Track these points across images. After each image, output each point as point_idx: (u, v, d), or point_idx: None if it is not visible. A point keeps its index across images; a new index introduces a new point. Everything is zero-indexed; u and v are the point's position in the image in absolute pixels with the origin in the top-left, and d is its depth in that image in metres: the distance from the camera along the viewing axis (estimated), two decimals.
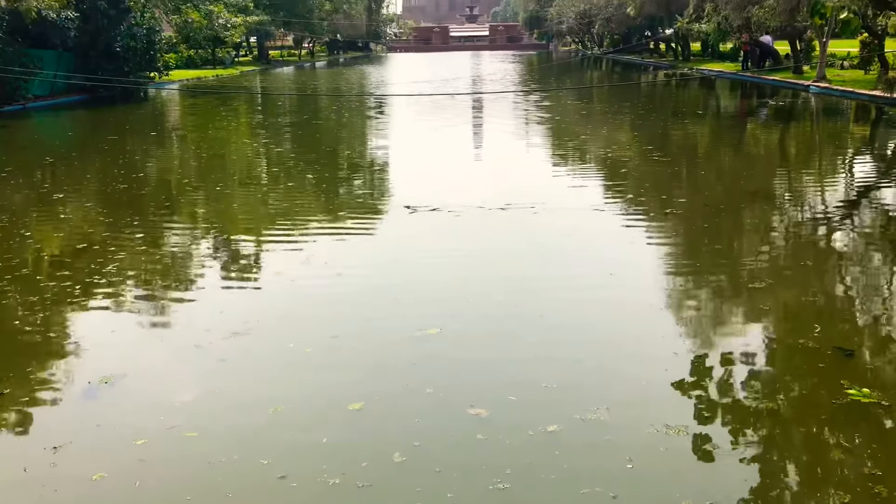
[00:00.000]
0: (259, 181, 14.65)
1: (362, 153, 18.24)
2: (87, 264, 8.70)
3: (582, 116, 25.28)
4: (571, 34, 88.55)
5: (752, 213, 11.03)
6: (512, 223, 10.34)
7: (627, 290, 7.63)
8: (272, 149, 18.82)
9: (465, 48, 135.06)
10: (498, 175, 14.37)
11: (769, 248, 9.28)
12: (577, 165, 15.72)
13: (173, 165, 16.97)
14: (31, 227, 10.77)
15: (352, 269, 8.42)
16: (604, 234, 9.88)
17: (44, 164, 16.64)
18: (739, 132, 20.81)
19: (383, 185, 14.04)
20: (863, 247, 9.21)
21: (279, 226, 10.63)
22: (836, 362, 5.81)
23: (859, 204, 11.54)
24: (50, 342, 6.65)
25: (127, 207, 11.86)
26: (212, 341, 6.44)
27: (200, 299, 7.66)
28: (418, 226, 10.42)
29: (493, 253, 9.03)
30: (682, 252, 9.23)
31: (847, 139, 18.90)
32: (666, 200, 11.59)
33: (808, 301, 7.26)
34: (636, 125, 21.98)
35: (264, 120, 26.47)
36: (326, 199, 12.66)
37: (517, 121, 24.26)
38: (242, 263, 8.89)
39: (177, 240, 10.11)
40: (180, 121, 27.36)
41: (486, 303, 7.29)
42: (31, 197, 13.06)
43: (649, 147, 17.32)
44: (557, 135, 20.46)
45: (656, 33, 58.38)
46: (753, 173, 14.36)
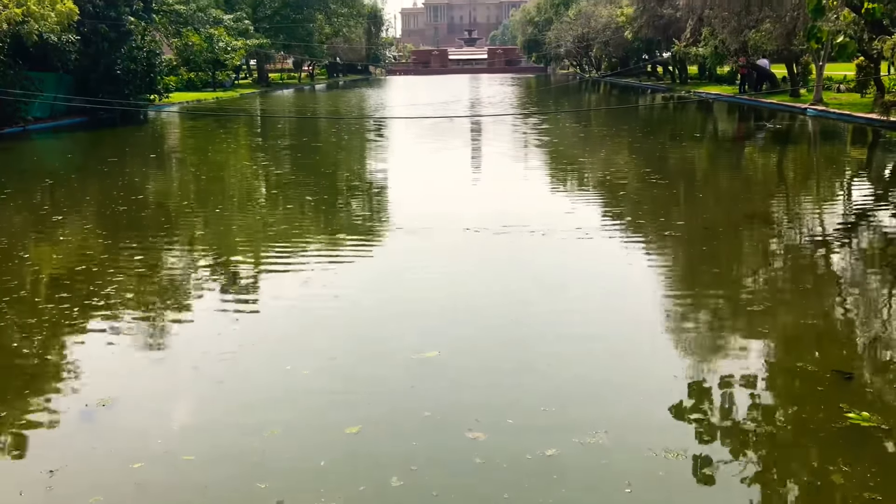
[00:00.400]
0: (258, 203, 14.68)
1: (361, 175, 18.30)
2: (86, 286, 8.69)
3: (580, 139, 25.38)
4: (569, 57, 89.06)
5: (750, 235, 11.05)
6: (510, 245, 10.35)
7: (626, 312, 7.63)
8: (271, 171, 18.87)
9: (463, 71, 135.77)
10: (496, 197, 14.39)
11: (768, 271, 9.29)
12: (576, 187, 15.77)
13: (172, 188, 17.01)
14: (29, 249, 10.77)
15: (350, 291, 8.42)
16: (602, 256, 9.88)
17: (43, 186, 16.67)
18: (737, 155, 20.88)
19: (382, 207, 14.06)
20: (861, 270, 9.22)
21: (278, 248, 10.63)
22: (836, 385, 5.80)
23: (857, 227, 11.56)
24: (47, 364, 6.63)
25: (126, 229, 11.87)
26: (209, 364, 6.43)
27: (198, 321, 7.65)
28: (416, 248, 10.43)
29: (492, 275, 9.03)
30: (680, 274, 9.23)
31: (845, 162, 18.96)
32: (664, 223, 11.61)
33: (806, 324, 7.25)
34: (634, 148, 22.06)
35: (263, 142, 26.57)
36: (325, 221, 12.67)
37: (516, 143, 24.34)
38: (240, 285, 8.88)
39: (175, 262, 10.11)
40: (180, 143, 27.45)
41: (484, 325, 7.28)
42: (31, 219, 13.07)
43: (647, 169, 17.37)
44: (556, 157, 20.53)
45: (654, 57, 58.74)
46: (752, 196, 14.39)
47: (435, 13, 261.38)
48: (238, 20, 56.55)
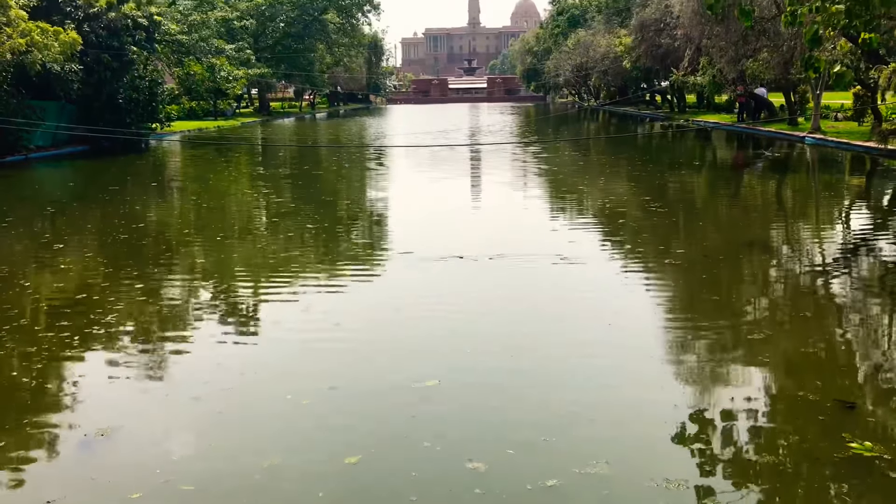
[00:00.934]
0: (259, 231, 14.71)
1: (361, 204, 18.35)
2: (86, 314, 8.69)
3: (580, 167, 25.49)
4: (568, 86, 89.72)
5: (750, 263, 11.07)
6: (511, 273, 10.36)
7: (626, 341, 7.62)
8: (272, 199, 18.93)
9: (463, 100, 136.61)
10: (496, 225, 14.43)
11: (768, 299, 9.29)
12: (576, 216, 15.80)
13: (173, 216, 17.05)
14: (30, 277, 10.77)
15: (350, 319, 8.42)
16: (602, 284, 9.88)
17: (44, 215, 16.72)
18: (736, 183, 20.96)
19: (382, 235, 14.09)
20: (861, 298, 9.22)
21: (278, 276, 10.64)
22: (838, 415, 5.78)
23: (857, 255, 11.58)
24: (46, 393, 6.61)
25: (127, 258, 11.88)
26: (209, 393, 6.41)
27: (199, 350, 7.63)
28: (417, 276, 10.43)
29: (492, 303, 9.03)
30: (681, 302, 9.23)
31: (844, 190, 19.04)
32: (664, 251, 11.63)
33: (807, 352, 7.24)
34: (633, 176, 22.15)
35: (264, 171, 26.68)
36: (325, 249, 12.69)
37: (515, 172, 24.43)
38: (241, 314, 8.88)
39: (176, 290, 10.11)
40: (181, 171, 27.57)
41: (484, 353, 7.27)
42: (32, 247, 13.09)
43: (647, 197, 17.43)
44: (555, 185, 20.60)
45: (652, 85, 59.13)
46: (751, 224, 14.42)
47: (435, 43, 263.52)
48: (240, 50, 56.96)
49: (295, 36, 73.46)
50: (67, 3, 32.26)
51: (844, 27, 9.97)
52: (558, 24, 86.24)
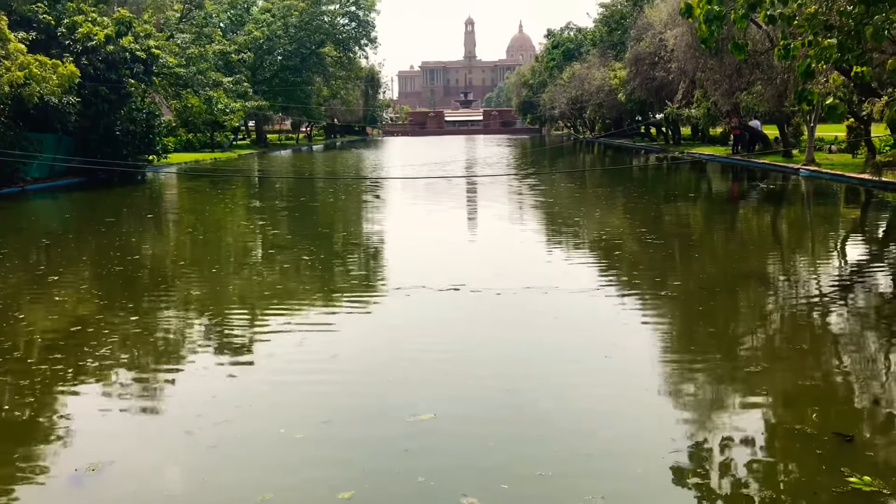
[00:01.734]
0: (254, 263, 14.68)
1: (357, 235, 18.36)
2: (80, 347, 8.63)
3: (576, 199, 25.57)
4: (564, 119, 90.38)
5: (746, 295, 11.06)
6: (506, 305, 10.33)
7: (623, 373, 7.58)
8: (268, 231, 18.94)
9: (459, 132, 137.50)
10: (493, 257, 14.42)
11: (765, 332, 9.27)
12: (572, 247, 15.81)
13: (169, 248, 17.03)
14: (24, 309, 10.72)
15: (346, 351, 8.37)
16: (599, 316, 9.86)
17: (40, 246, 16.70)
18: (732, 215, 21.03)
19: (378, 267, 14.08)
20: (858, 330, 9.20)
21: (274, 307, 10.60)
22: (836, 448, 5.73)
23: (854, 287, 11.57)
24: (38, 427, 6.54)
25: (122, 289, 11.84)
26: (203, 427, 6.35)
27: (192, 383, 7.58)
28: (413, 308, 10.40)
29: (488, 335, 8.99)
30: (678, 335, 9.21)
31: (839, 222, 19.10)
32: (660, 282, 11.62)
33: (805, 385, 7.21)
34: (629, 208, 22.22)
35: (261, 202, 26.72)
36: (321, 280, 12.66)
37: (511, 204, 24.49)
38: (236, 346, 8.82)
39: (171, 322, 10.07)
40: (177, 203, 27.60)
41: (479, 386, 7.23)
42: (27, 279, 13.05)
43: (643, 229, 17.47)
44: (551, 217, 20.65)
45: (647, 118, 59.60)
46: (748, 256, 14.44)
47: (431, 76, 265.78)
48: (237, 83, 57.33)
49: (292, 69, 74.11)
50: (66, 37, 32.53)
51: (837, 61, 10.07)
52: (553, 58, 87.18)
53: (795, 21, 9.62)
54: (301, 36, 73.62)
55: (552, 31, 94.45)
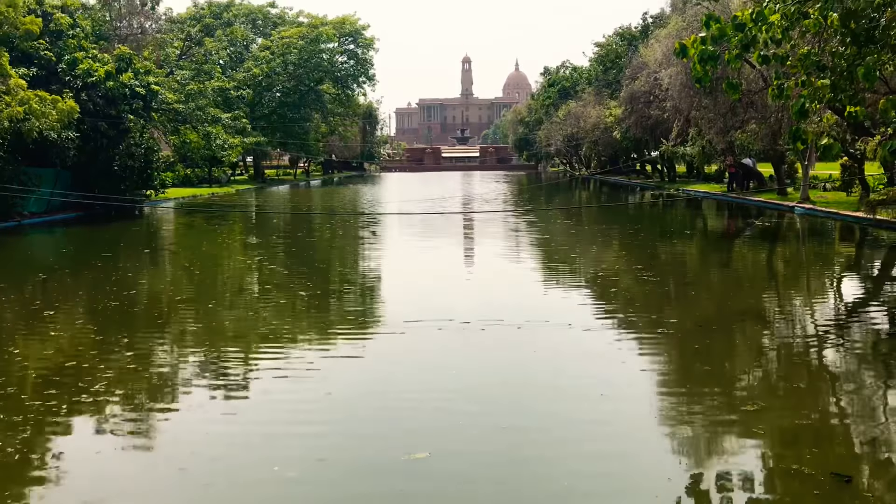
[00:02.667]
0: (250, 299, 14.66)
1: (354, 271, 18.36)
2: (75, 382, 8.59)
3: (572, 236, 25.63)
4: (559, 156, 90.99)
5: (743, 333, 11.06)
6: (502, 342, 10.32)
7: (619, 412, 7.56)
8: (265, 266, 18.93)
9: (456, 168, 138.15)
10: (488, 293, 14.42)
11: (761, 370, 9.26)
12: (568, 284, 15.82)
13: (165, 283, 17.01)
14: (19, 344, 10.68)
15: (341, 388, 8.34)
16: (595, 353, 9.84)
17: (36, 281, 16.66)
18: (728, 252, 21.09)
19: (374, 303, 14.07)
20: (855, 368, 9.19)
21: (270, 343, 10.57)
22: (835, 489, 5.70)
23: (850, 325, 11.58)
24: (30, 465, 6.48)
25: (118, 325, 11.81)
26: (197, 464, 6.30)
27: (187, 420, 7.53)
28: (409, 344, 10.38)
29: (483, 373, 8.97)
30: (674, 373, 9.19)
31: (835, 260, 19.15)
32: (657, 320, 11.62)
33: (802, 424, 7.18)
34: (625, 244, 22.28)
35: (258, 237, 26.74)
36: (318, 316, 12.64)
37: (508, 240, 24.53)
38: (231, 382, 8.78)
39: (166, 358, 10.03)
40: (174, 238, 27.62)
41: (475, 424, 7.19)
42: (22, 314, 13.01)
43: (639, 266, 17.50)
44: (548, 254, 20.68)
45: (642, 155, 59.99)
46: (744, 294, 14.46)
47: (428, 113, 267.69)
48: (236, 118, 57.68)
49: (291, 105, 74.62)
50: (67, 73, 32.80)
51: (830, 100, 10.19)
52: (549, 96, 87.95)
53: (789, 61, 9.74)
54: (300, 73, 74.25)
55: (548, 69, 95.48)
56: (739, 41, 8.99)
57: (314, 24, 78.66)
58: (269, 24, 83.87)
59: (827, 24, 9.43)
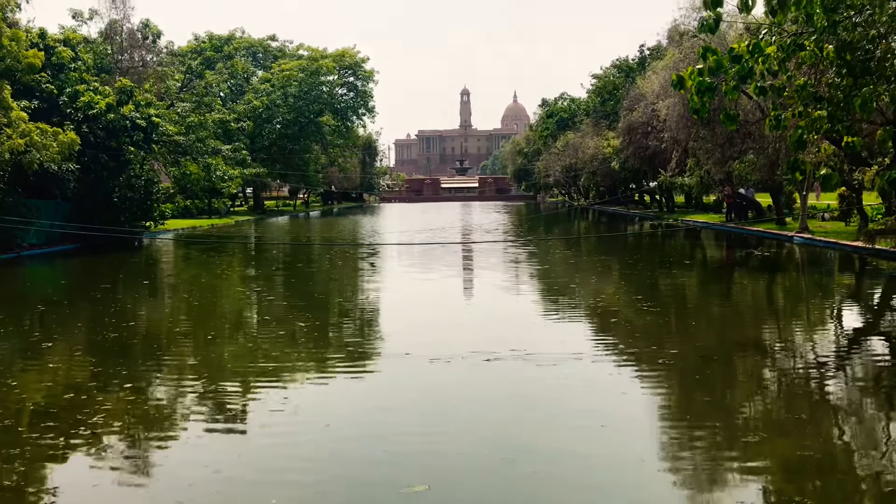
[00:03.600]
0: (250, 330, 14.62)
1: (353, 303, 18.33)
2: (73, 415, 8.54)
3: (571, 266, 25.63)
4: (558, 186, 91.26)
5: (744, 363, 11.02)
6: (502, 373, 10.27)
7: (620, 443, 7.51)
8: (264, 297, 18.91)
9: (455, 199, 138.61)
10: (488, 324, 14.39)
11: (763, 401, 9.21)
12: (568, 314, 15.79)
13: (164, 314, 16.97)
14: (17, 377, 10.62)
15: (340, 420, 8.29)
16: (595, 384, 9.80)
17: (34, 313, 16.63)
18: (728, 282, 21.07)
19: (374, 335, 14.03)
20: (857, 399, 9.14)
21: (268, 375, 10.53)
22: None
23: (851, 355, 11.54)
24: (25, 499, 6.42)
25: (116, 356, 11.76)
26: (194, 497, 6.25)
27: (185, 452, 7.48)
28: (408, 376, 10.33)
29: (483, 404, 8.92)
30: (674, 403, 9.14)
31: (835, 290, 19.14)
32: (657, 350, 11.59)
33: (805, 455, 7.12)
34: (625, 275, 22.27)
35: (257, 268, 26.74)
36: (316, 348, 12.60)
37: (507, 270, 24.52)
38: (229, 414, 8.73)
39: (165, 390, 9.98)
40: (173, 269, 27.60)
41: (475, 456, 7.14)
42: (20, 346, 12.97)
43: (639, 296, 17.49)
44: (548, 284, 20.67)
45: (641, 186, 60.22)
46: (744, 324, 14.43)
47: (428, 144, 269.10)
48: (236, 150, 57.99)
49: (291, 137, 75.10)
50: (68, 105, 33.03)
51: (827, 131, 10.25)
52: (547, 127, 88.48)
53: (785, 93, 9.81)
54: (300, 105, 74.80)
55: (546, 100, 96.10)
56: (736, 73, 9.04)
57: (314, 57, 79.43)
58: (270, 57, 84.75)
59: (823, 55, 9.52)
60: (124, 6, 47.73)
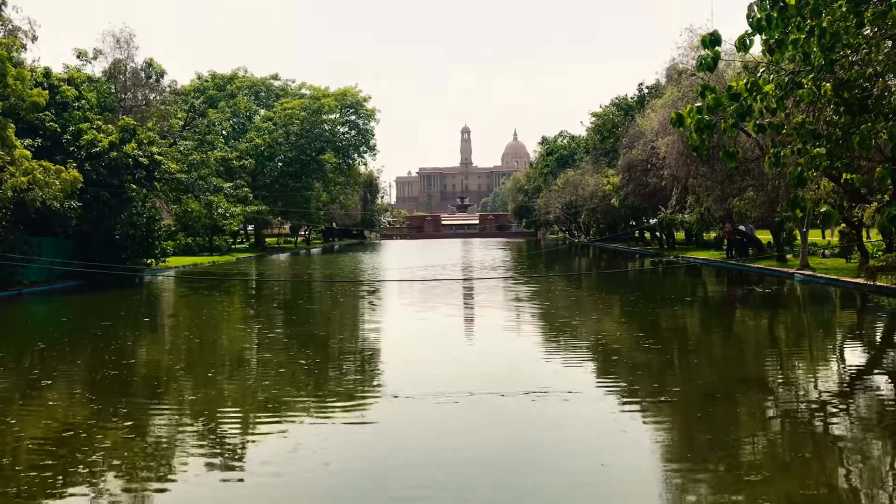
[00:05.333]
0: (250, 367, 14.55)
1: (354, 340, 18.26)
2: (71, 453, 8.48)
3: (572, 302, 25.59)
4: (559, 223, 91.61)
5: (746, 401, 10.94)
6: (503, 411, 10.21)
7: (620, 482, 7.44)
8: (264, 335, 18.85)
9: (456, 236, 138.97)
10: (489, 362, 14.33)
11: (765, 439, 9.13)
12: (569, 351, 15.72)
13: (165, 352, 16.92)
14: (16, 415, 10.56)
15: (340, 459, 8.22)
16: (596, 422, 9.73)
17: (34, 350, 16.58)
18: (729, 319, 21.02)
19: (374, 372, 13.95)
20: (861, 436, 9.07)
21: (268, 413, 10.46)
22: None
23: (854, 392, 11.47)
24: None
25: (116, 394, 11.71)
26: None
27: (183, 491, 7.41)
28: (409, 415, 10.27)
29: (483, 443, 8.85)
30: (676, 442, 9.07)
31: (837, 327, 19.08)
32: (659, 388, 11.52)
33: (808, 494, 7.06)
34: (626, 312, 22.22)
35: (257, 306, 26.69)
36: (316, 386, 12.53)
37: (509, 307, 24.47)
38: (229, 453, 8.66)
39: (164, 428, 9.91)
40: (174, 307, 27.56)
41: (476, 496, 7.08)
42: (19, 383, 12.90)
43: (640, 333, 17.43)
44: (549, 321, 20.62)
45: (641, 222, 60.38)
46: (746, 361, 14.37)
47: (428, 181, 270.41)
48: (237, 188, 58.29)
49: (292, 174, 75.51)
50: (71, 143, 33.28)
51: (826, 168, 10.30)
52: (547, 164, 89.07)
53: (784, 130, 9.89)
54: (302, 143, 75.32)
55: (546, 138, 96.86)
56: (735, 110, 9.13)
57: (316, 96, 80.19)
58: (273, 95, 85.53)
59: (821, 93, 9.60)
60: (128, 46, 48.28)
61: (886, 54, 9.96)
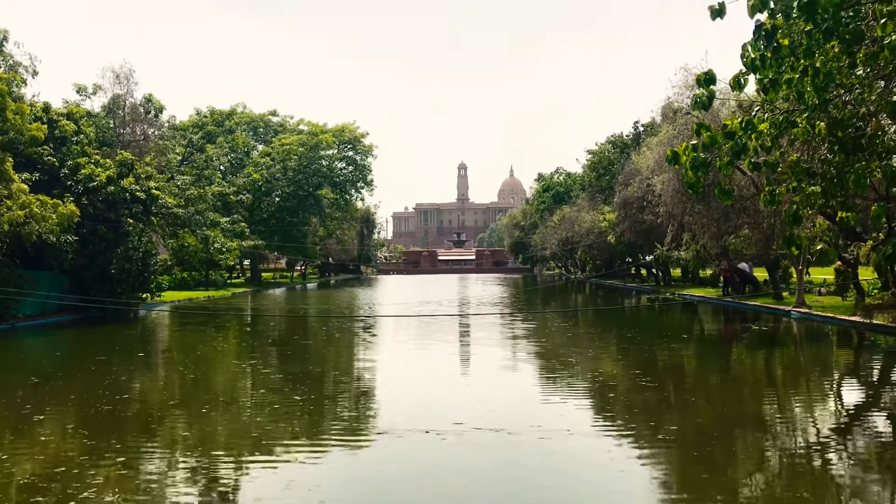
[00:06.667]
0: (244, 403, 14.46)
1: (349, 376, 18.17)
2: (63, 489, 8.38)
3: (569, 339, 25.51)
4: (555, 259, 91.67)
5: (744, 439, 10.88)
6: (498, 448, 10.13)
7: None
8: (259, 371, 18.75)
9: (452, 271, 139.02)
10: (485, 399, 14.25)
11: (763, 477, 9.07)
12: (565, 389, 15.64)
13: (159, 387, 16.80)
14: (7, 450, 10.45)
15: (334, 496, 8.14)
16: (593, 461, 9.66)
17: (27, 385, 16.46)
18: (726, 357, 20.96)
19: (369, 409, 13.87)
20: (860, 475, 9.01)
21: (262, 449, 10.37)
22: None
23: (852, 432, 11.42)
24: None
25: (109, 430, 11.60)
26: None
27: None
28: (404, 452, 10.19)
29: (479, 482, 8.77)
30: (673, 481, 9.00)
31: (834, 365, 19.04)
32: (656, 426, 11.46)
33: None
34: (623, 349, 22.15)
35: (252, 341, 26.58)
36: (311, 422, 12.44)
37: (505, 344, 24.39)
38: (222, 490, 8.57)
39: (157, 464, 9.81)
40: (169, 342, 27.43)
41: None
42: (11, 418, 12.79)
43: (637, 371, 17.36)
44: (545, 358, 20.53)
45: (637, 259, 60.45)
46: (744, 399, 14.30)
47: (425, 217, 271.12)
48: (234, 222, 58.34)
49: (290, 209, 75.63)
50: (69, 177, 33.35)
51: (821, 206, 10.35)
52: (543, 201, 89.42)
53: (779, 168, 9.95)
54: (299, 178, 75.56)
55: (542, 175, 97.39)
56: (730, 149, 9.18)
57: (314, 132, 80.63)
58: (271, 131, 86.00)
59: (815, 132, 9.68)
60: (128, 81, 48.62)
61: (879, 94, 10.06)
